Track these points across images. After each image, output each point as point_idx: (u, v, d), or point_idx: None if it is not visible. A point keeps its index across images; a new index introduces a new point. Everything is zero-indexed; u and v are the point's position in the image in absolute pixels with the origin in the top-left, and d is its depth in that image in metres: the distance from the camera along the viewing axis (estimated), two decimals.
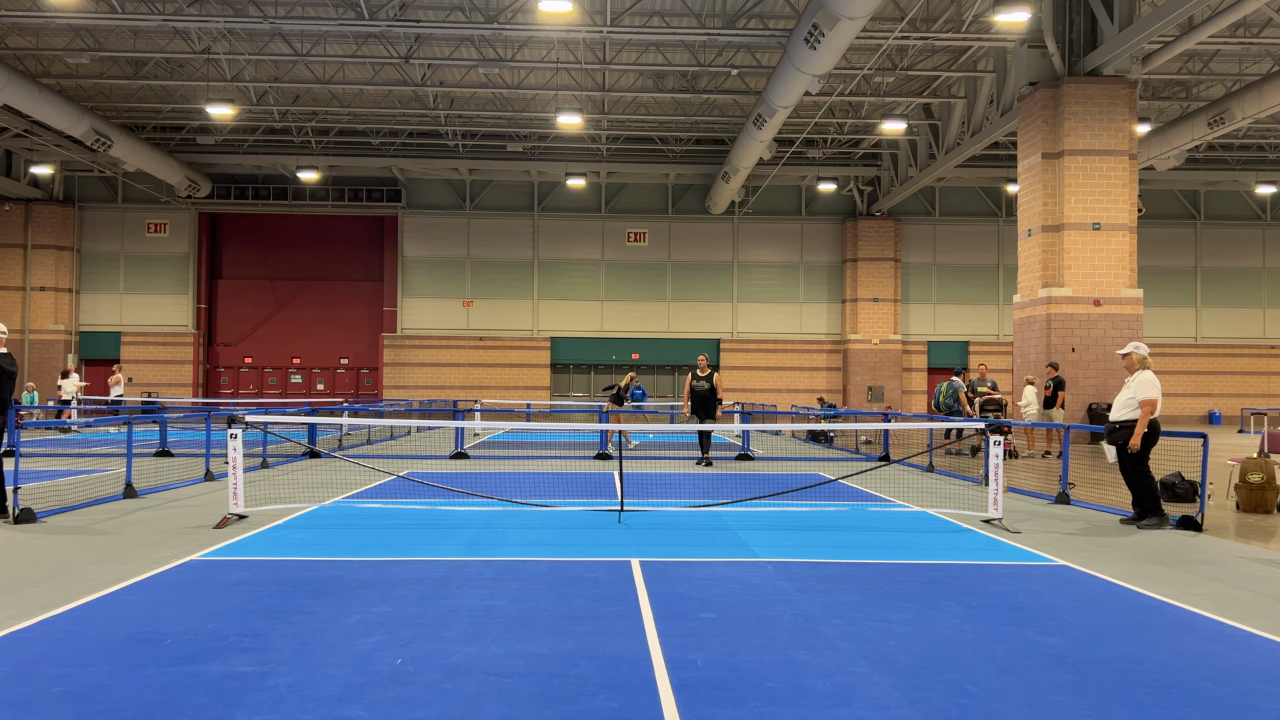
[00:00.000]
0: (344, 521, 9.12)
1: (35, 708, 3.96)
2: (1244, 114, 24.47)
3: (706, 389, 15.77)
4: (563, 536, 8.32)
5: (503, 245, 36.23)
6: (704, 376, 15.87)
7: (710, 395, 15.78)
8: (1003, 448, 9.40)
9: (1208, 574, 6.97)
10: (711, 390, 15.77)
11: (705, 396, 15.77)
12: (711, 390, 15.77)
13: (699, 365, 16.23)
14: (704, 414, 15.85)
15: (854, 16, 17.03)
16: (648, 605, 5.80)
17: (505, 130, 32.32)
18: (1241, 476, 10.42)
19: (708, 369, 16.14)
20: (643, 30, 22.05)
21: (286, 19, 21.61)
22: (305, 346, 36.98)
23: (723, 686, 4.30)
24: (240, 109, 28.71)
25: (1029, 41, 21.54)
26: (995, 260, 36.94)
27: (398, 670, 4.49)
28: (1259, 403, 34.78)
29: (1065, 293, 20.82)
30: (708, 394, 15.77)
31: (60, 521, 8.96)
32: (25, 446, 13.55)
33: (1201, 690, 4.33)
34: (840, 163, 34.79)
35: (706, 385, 15.78)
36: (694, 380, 15.89)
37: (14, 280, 34.83)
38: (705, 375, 15.90)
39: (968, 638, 5.16)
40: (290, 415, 19.00)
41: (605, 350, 36.42)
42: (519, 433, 24.40)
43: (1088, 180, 20.74)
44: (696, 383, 15.85)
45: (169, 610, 5.58)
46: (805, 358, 36.69)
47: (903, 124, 26.61)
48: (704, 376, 15.87)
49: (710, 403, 15.83)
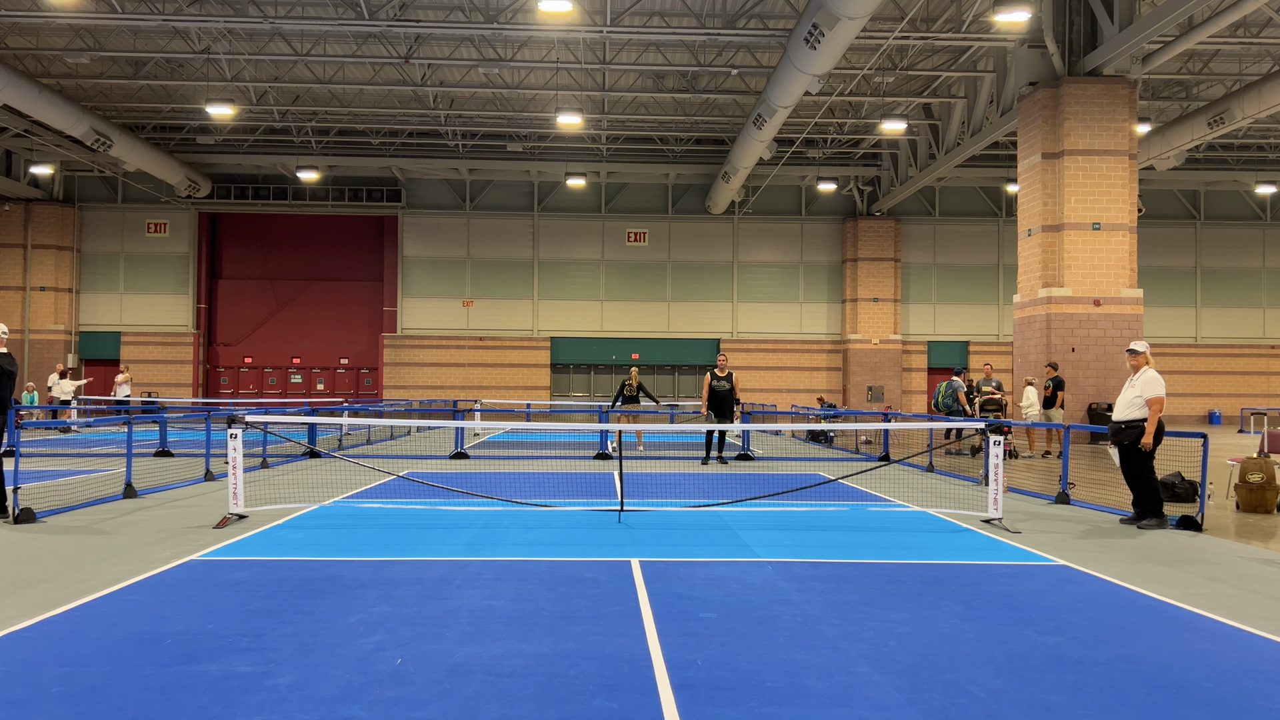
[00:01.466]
0: (344, 521, 9.12)
1: (35, 708, 3.95)
2: (1244, 114, 24.47)
3: (727, 389, 15.48)
4: (563, 536, 8.32)
5: (503, 245, 36.22)
6: (724, 376, 15.57)
7: (730, 395, 15.52)
8: (1003, 448, 9.39)
9: (1208, 574, 6.96)
10: (731, 390, 15.52)
11: (725, 396, 15.49)
12: (731, 390, 15.52)
13: (718, 365, 15.86)
14: (723, 414, 15.53)
15: (854, 16, 17.03)
16: (647, 605, 5.79)
17: (505, 130, 32.32)
18: (1241, 476, 10.42)
19: (728, 368, 15.84)
20: (643, 30, 22.05)
21: (286, 19, 21.61)
22: (305, 346, 36.98)
23: (723, 686, 4.30)
24: (240, 109, 28.72)
25: (1029, 41, 21.54)
26: (995, 260, 36.94)
27: (398, 670, 4.49)
28: (1259, 403, 34.77)
29: (1065, 293, 20.82)
30: (728, 394, 15.50)
31: (60, 521, 8.96)
32: (25, 446, 13.55)
33: (1201, 690, 4.33)
34: (840, 163, 34.79)
35: (727, 385, 15.49)
36: (714, 380, 15.54)
37: (14, 280, 34.84)
38: (725, 375, 15.60)
39: (968, 638, 5.16)
40: (290, 415, 19.00)
41: (605, 350, 36.41)
42: (519, 433, 24.40)
43: (1088, 180, 20.74)
44: (717, 382, 15.51)
45: (169, 610, 5.58)
46: (805, 358, 36.69)
47: (903, 124, 26.62)
48: (724, 376, 15.57)
49: (730, 403, 15.57)
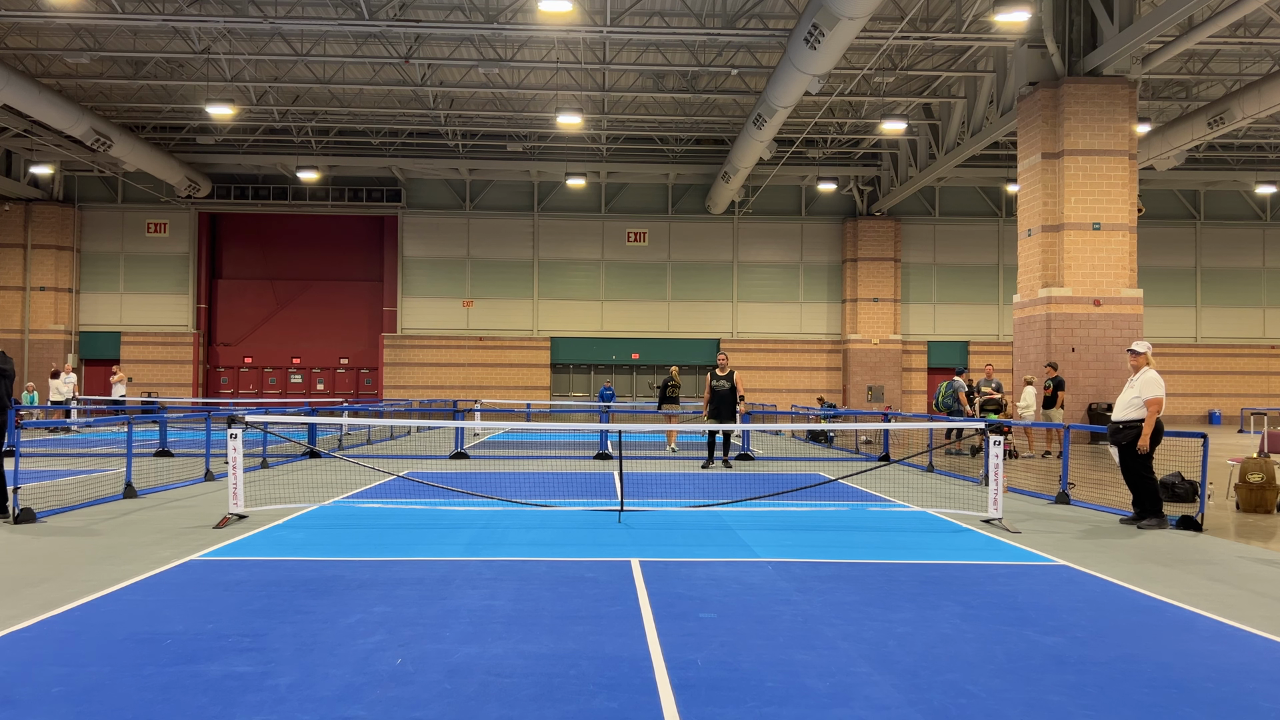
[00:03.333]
0: (344, 521, 9.12)
1: (35, 708, 3.95)
2: (1244, 114, 24.47)
3: (728, 388, 14.98)
4: (563, 536, 8.31)
5: (503, 245, 36.22)
6: (725, 375, 15.06)
7: (732, 395, 15.00)
8: (1003, 448, 9.39)
9: (1208, 574, 6.96)
10: (733, 389, 15.00)
11: (727, 396, 14.99)
12: (733, 389, 15.00)
13: (719, 364, 15.31)
14: (726, 415, 15.03)
15: (854, 16, 17.03)
16: (648, 605, 5.79)
17: (505, 130, 32.31)
18: (1241, 476, 10.42)
19: (729, 367, 15.30)
20: (643, 30, 22.04)
21: (286, 19, 21.61)
22: (305, 346, 36.97)
23: (723, 686, 4.30)
24: (240, 109, 28.71)
25: (1029, 41, 21.53)
26: (995, 260, 36.93)
27: (398, 670, 4.49)
28: (1259, 403, 34.77)
29: (1065, 293, 20.82)
30: (729, 393, 14.99)
31: (60, 521, 8.96)
32: (25, 446, 13.55)
33: (1201, 690, 4.33)
34: (840, 163, 34.79)
35: (728, 385, 14.99)
36: (714, 380, 15.05)
37: (14, 280, 34.83)
38: (726, 374, 15.08)
39: (968, 638, 5.16)
40: (290, 415, 19.00)
41: (605, 350, 36.41)
42: (519, 433, 24.40)
43: (1088, 180, 20.74)
44: (717, 382, 15.02)
45: (169, 610, 5.57)
46: (805, 358, 36.68)
47: (903, 124, 26.61)
48: (725, 375, 15.06)
49: (732, 403, 15.03)
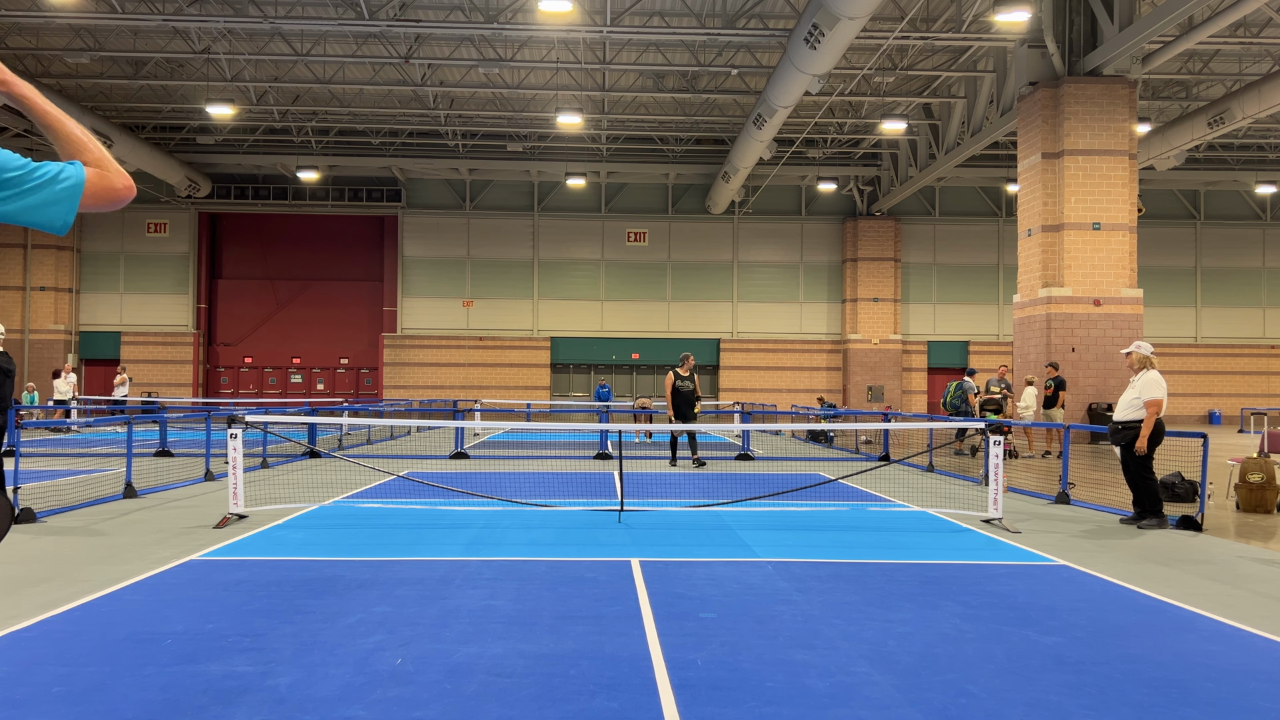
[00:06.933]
0: (344, 521, 9.12)
1: (35, 708, 3.95)
2: (1244, 114, 24.47)
3: (691, 388, 15.34)
4: (563, 536, 8.31)
5: (503, 245, 36.22)
6: (687, 376, 15.36)
7: (692, 394, 15.36)
8: (1003, 448, 9.39)
9: (1208, 574, 6.96)
10: (693, 390, 15.37)
11: (690, 396, 15.35)
12: (693, 390, 15.37)
13: (683, 364, 15.46)
14: (688, 414, 15.35)
15: (854, 16, 17.04)
16: (648, 605, 5.79)
17: (505, 130, 32.31)
18: (1241, 476, 10.42)
19: (690, 367, 15.50)
20: (643, 30, 22.05)
21: (286, 19, 21.61)
22: (305, 346, 36.98)
23: (723, 686, 4.29)
24: (240, 109, 28.72)
25: (1029, 41, 21.54)
26: (995, 260, 36.94)
27: (398, 670, 4.49)
28: (1259, 403, 34.77)
29: (1065, 293, 20.82)
30: (692, 393, 15.36)
31: (60, 521, 8.95)
32: (25, 446, 13.55)
33: (1201, 690, 4.33)
34: (840, 163, 34.79)
35: (691, 385, 15.34)
36: (678, 380, 15.29)
37: (14, 280, 34.83)
38: (689, 375, 15.38)
39: (968, 637, 5.16)
40: (290, 415, 19.00)
41: (605, 350, 36.42)
42: (519, 433, 24.39)
43: (1088, 180, 20.74)
44: (681, 382, 15.28)
45: (169, 610, 5.57)
46: (805, 358, 36.69)
47: (903, 124, 26.62)
48: (687, 376, 15.36)
49: (692, 403, 15.41)
